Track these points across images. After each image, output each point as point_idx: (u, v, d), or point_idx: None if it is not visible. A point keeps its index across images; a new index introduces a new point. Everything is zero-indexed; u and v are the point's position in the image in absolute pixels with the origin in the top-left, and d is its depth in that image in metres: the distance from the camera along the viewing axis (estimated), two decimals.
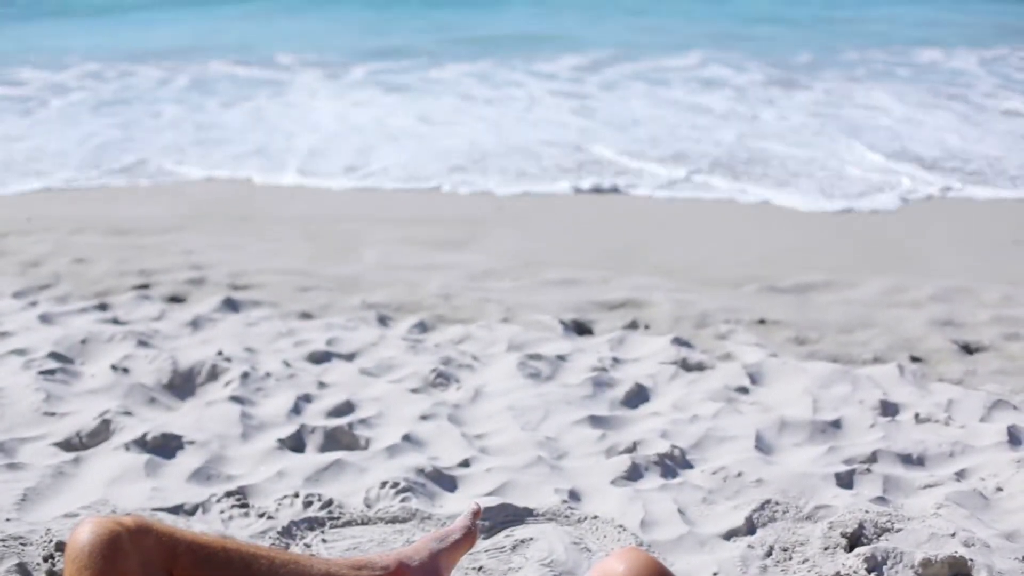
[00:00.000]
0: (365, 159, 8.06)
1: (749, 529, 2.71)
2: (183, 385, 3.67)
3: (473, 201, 6.99)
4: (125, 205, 6.97)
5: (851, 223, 6.46)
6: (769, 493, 2.86)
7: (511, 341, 4.19)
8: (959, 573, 2.42)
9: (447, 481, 2.98)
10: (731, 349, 4.17)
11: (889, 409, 3.50)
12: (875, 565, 2.44)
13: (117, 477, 2.92)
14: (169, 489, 2.88)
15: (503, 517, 2.73)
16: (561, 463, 3.10)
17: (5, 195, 7.23)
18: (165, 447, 3.13)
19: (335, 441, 3.26)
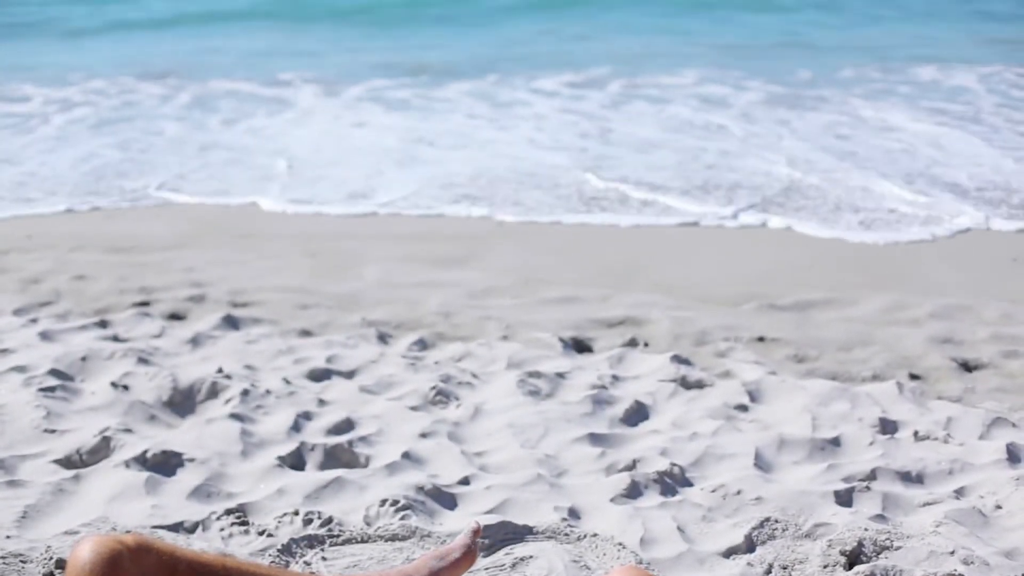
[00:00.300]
0: (370, 185, 7.93)
1: (748, 547, 2.71)
2: (183, 402, 3.68)
3: (473, 219, 7.00)
4: (125, 223, 6.98)
5: (849, 241, 6.46)
6: (768, 511, 2.86)
7: (511, 359, 4.20)
8: None
9: (447, 499, 2.99)
10: (730, 367, 4.18)
11: (888, 427, 3.51)
12: None
13: (117, 494, 2.92)
14: (169, 507, 2.89)
15: (503, 535, 2.73)
16: (561, 481, 3.11)
17: (3, 217, 7.21)
18: (165, 464, 3.14)
19: (335, 459, 3.26)
